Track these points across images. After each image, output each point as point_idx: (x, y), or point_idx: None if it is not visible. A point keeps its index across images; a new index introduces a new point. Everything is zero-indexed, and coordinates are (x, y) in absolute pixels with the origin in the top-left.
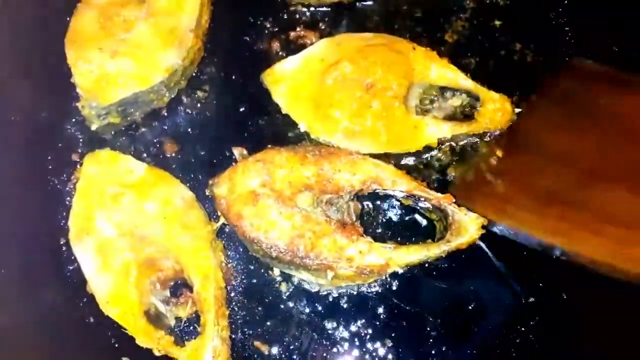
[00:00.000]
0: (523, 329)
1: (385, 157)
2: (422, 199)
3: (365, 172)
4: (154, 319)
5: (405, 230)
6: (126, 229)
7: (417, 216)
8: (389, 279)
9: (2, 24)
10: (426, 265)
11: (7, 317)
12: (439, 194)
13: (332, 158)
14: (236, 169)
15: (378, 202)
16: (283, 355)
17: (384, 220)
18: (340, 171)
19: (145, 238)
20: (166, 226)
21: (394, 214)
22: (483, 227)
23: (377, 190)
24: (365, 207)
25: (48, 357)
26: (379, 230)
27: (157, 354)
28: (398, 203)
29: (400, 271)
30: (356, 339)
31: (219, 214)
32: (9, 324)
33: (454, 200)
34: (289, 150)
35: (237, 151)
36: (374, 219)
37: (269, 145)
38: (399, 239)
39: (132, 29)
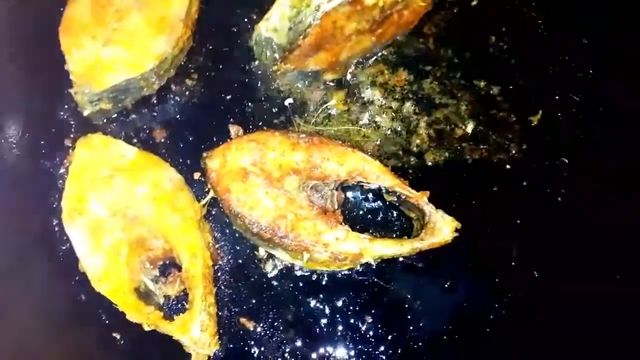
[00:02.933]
0: (496, 306)
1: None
2: (403, 196)
3: (352, 164)
4: (144, 295)
5: (384, 225)
6: (117, 209)
7: (396, 213)
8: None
9: None
10: None
11: (0, 295)
12: (418, 193)
13: (323, 147)
14: (230, 146)
15: (360, 195)
16: (267, 331)
17: (364, 212)
18: (328, 160)
19: (135, 218)
20: (156, 207)
21: (374, 208)
22: (456, 230)
23: (361, 183)
24: (348, 197)
25: (40, 333)
26: (358, 221)
27: (146, 328)
28: (380, 198)
29: (373, 263)
30: (338, 316)
31: (208, 187)
32: (3, 302)
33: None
34: (282, 134)
35: (233, 129)
36: (354, 210)
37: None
38: (376, 232)
39: (124, 18)
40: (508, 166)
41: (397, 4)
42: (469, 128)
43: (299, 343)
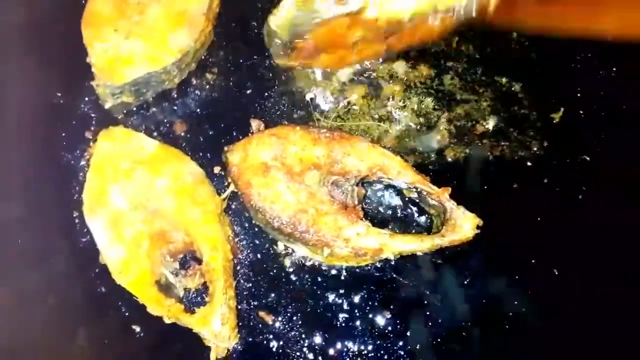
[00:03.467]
0: (515, 302)
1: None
2: (424, 192)
3: (373, 160)
4: (164, 288)
5: (404, 221)
6: (138, 202)
7: (416, 209)
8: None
9: (19, 4)
10: None
11: (22, 286)
12: (439, 189)
13: (344, 142)
14: (251, 140)
15: (381, 190)
16: (286, 325)
17: (385, 208)
18: (349, 155)
19: (156, 211)
20: (177, 200)
21: (394, 204)
22: (477, 227)
23: (381, 179)
24: (369, 192)
25: (61, 325)
26: (379, 217)
27: (167, 321)
28: (400, 194)
29: (392, 258)
30: (356, 311)
31: (229, 181)
32: (25, 293)
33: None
34: (303, 129)
35: (254, 123)
36: (375, 205)
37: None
38: (396, 228)
39: (146, 11)
40: (529, 163)
41: (402, 24)
42: (490, 124)
43: (317, 338)
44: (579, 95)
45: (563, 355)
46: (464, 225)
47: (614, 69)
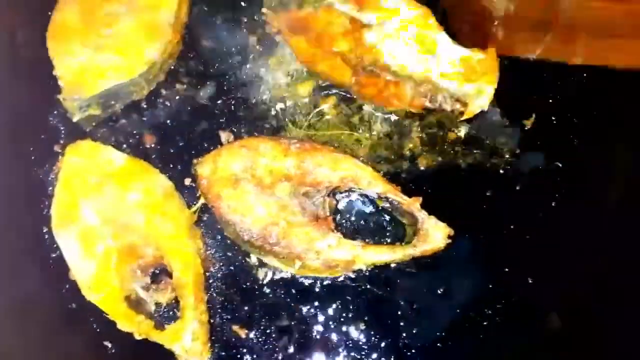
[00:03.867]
0: (490, 312)
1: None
2: (395, 202)
3: (345, 170)
4: (135, 304)
5: (376, 231)
6: (108, 217)
7: (389, 218)
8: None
9: None
10: None
11: None
12: (409, 199)
13: (315, 152)
14: (221, 152)
15: (353, 201)
16: (260, 339)
17: (356, 218)
18: (320, 166)
19: (126, 226)
20: (147, 214)
21: (366, 214)
22: (449, 236)
23: (353, 189)
24: (340, 203)
25: (31, 342)
26: (350, 228)
27: (137, 337)
28: (373, 204)
29: (366, 270)
30: (331, 323)
31: (199, 193)
32: None
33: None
34: (274, 140)
35: (224, 135)
36: (346, 216)
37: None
38: (368, 239)
39: (114, 24)
40: (502, 171)
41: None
42: (462, 132)
43: (291, 350)
44: (550, 101)
45: None
46: (435, 235)
47: (585, 74)
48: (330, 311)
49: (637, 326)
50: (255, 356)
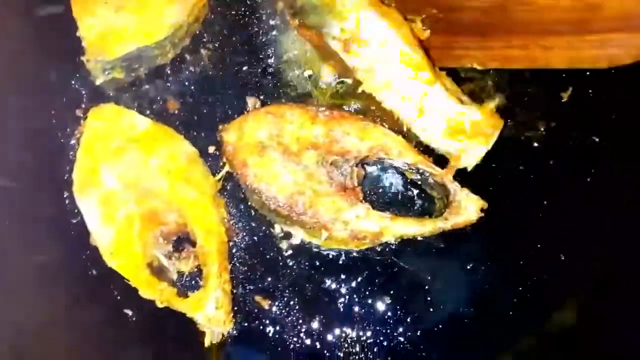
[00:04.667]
0: (520, 288)
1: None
2: (427, 173)
3: (374, 139)
4: (157, 271)
5: (405, 203)
6: (130, 182)
7: (418, 190)
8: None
9: None
10: None
11: (11, 269)
12: (442, 170)
13: (343, 121)
14: (247, 118)
15: (382, 171)
16: (283, 310)
17: (385, 189)
18: (349, 134)
19: (149, 191)
20: (170, 180)
21: (395, 185)
22: (482, 210)
23: (382, 159)
24: (369, 173)
25: (51, 308)
26: (379, 199)
27: (159, 305)
28: (402, 175)
29: (393, 242)
30: (355, 296)
31: (224, 161)
32: (14, 276)
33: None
34: (301, 107)
35: (250, 101)
36: (375, 187)
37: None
38: (397, 210)
39: None
40: (536, 144)
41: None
42: (495, 102)
43: (315, 323)
44: (587, 73)
45: (567, 342)
46: (468, 207)
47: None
48: (355, 284)
49: None
50: (277, 327)
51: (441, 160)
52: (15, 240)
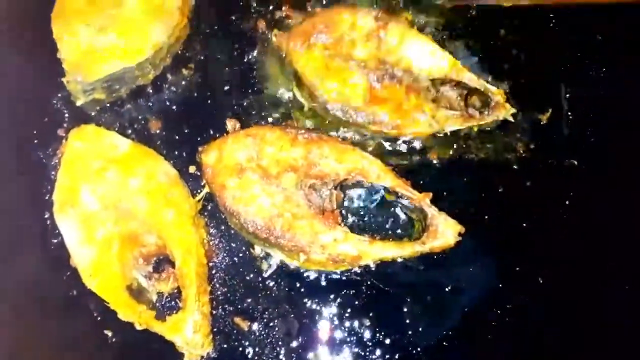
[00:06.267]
0: (499, 311)
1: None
2: (405, 197)
3: (352, 162)
4: (136, 293)
5: (383, 225)
6: (110, 202)
7: (396, 213)
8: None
9: None
10: None
11: None
12: (420, 194)
13: (322, 143)
14: (226, 140)
15: (360, 194)
16: (263, 332)
17: (363, 212)
18: (327, 157)
19: (128, 212)
20: (150, 201)
21: (374, 208)
22: (459, 234)
23: (361, 182)
24: (347, 196)
25: (31, 329)
26: (357, 221)
27: (138, 327)
28: (380, 198)
29: (372, 265)
30: (334, 318)
31: (204, 181)
32: None
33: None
34: (281, 129)
35: (230, 123)
36: (353, 210)
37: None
38: (375, 233)
39: (120, 5)
40: (515, 166)
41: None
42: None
43: (294, 344)
44: (567, 95)
45: None
46: (445, 231)
47: (604, 69)
48: (335, 306)
49: None
50: (257, 349)
51: (419, 185)
52: None
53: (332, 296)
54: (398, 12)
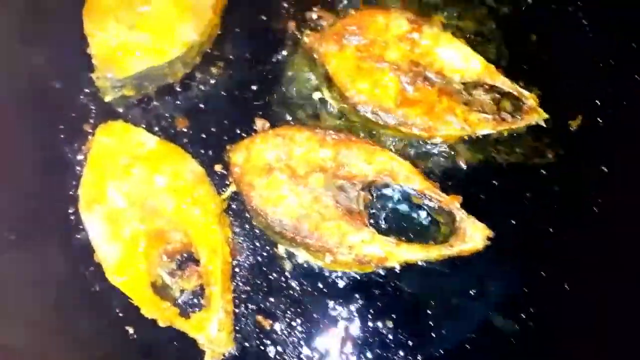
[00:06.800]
0: (523, 316)
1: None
2: (433, 199)
3: (381, 164)
4: (160, 290)
5: (410, 227)
6: (136, 199)
7: (423, 215)
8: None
9: None
10: None
11: (14, 282)
12: (448, 197)
13: (351, 144)
14: (255, 140)
15: (387, 195)
16: (284, 331)
17: (390, 213)
18: (356, 158)
19: (155, 210)
20: (176, 199)
21: (401, 210)
22: (488, 238)
23: (389, 184)
24: (374, 197)
25: (54, 324)
26: (383, 223)
27: (161, 324)
28: (407, 200)
29: (397, 267)
30: (357, 318)
31: (230, 180)
32: (16, 289)
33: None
34: (310, 130)
35: (259, 122)
36: (380, 211)
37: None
38: (401, 234)
39: (151, 2)
40: (543, 171)
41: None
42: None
43: (316, 344)
44: (598, 102)
45: None
46: (474, 235)
47: (636, 76)
48: (357, 306)
49: None
50: (278, 348)
51: (448, 187)
52: (21, 253)
53: (354, 297)
54: (430, 14)
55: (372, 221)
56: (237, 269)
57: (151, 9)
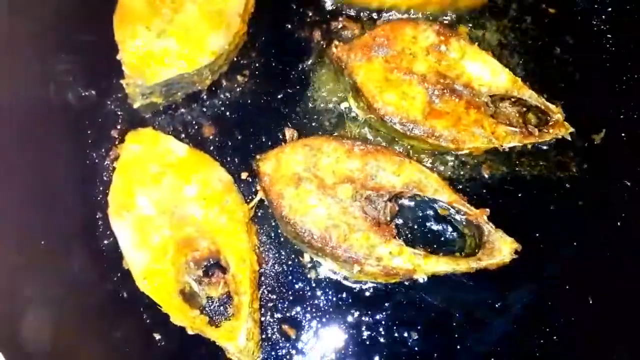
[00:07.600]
0: (547, 329)
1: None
2: (461, 212)
3: (409, 176)
4: (188, 297)
5: (436, 239)
6: (166, 207)
7: (450, 228)
8: None
9: None
10: None
11: (42, 288)
12: (476, 210)
13: (379, 156)
14: (284, 149)
15: (415, 207)
16: (309, 340)
17: (417, 225)
18: (384, 170)
19: (183, 217)
20: (205, 207)
21: (428, 221)
22: (516, 252)
23: (416, 195)
24: (402, 209)
25: (79, 329)
26: (410, 235)
27: (190, 332)
28: (433, 211)
29: (424, 278)
30: (382, 329)
31: (257, 188)
32: (44, 295)
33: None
34: (337, 140)
35: (288, 132)
36: (407, 223)
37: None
38: (428, 246)
39: (181, 10)
40: (567, 185)
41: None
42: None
43: (340, 354)
44: (622, 116)
45: None
46: (502, 249)
47: None
48: (383, 317)
49: None
50: (303, 357)
51: (470, 200)
52: (48, 259)
53: (380, 307)
54: (457, 27)
55: (399, 233)
56: (262, 278)
57: (181, 17)
